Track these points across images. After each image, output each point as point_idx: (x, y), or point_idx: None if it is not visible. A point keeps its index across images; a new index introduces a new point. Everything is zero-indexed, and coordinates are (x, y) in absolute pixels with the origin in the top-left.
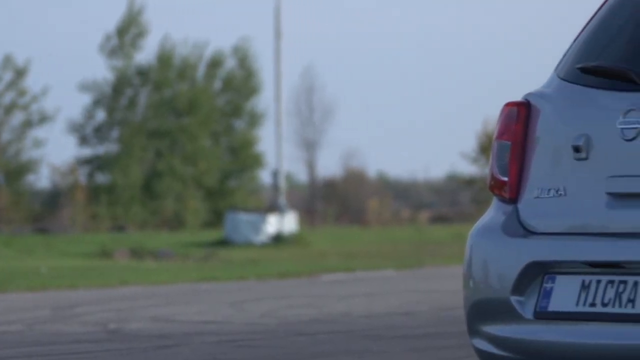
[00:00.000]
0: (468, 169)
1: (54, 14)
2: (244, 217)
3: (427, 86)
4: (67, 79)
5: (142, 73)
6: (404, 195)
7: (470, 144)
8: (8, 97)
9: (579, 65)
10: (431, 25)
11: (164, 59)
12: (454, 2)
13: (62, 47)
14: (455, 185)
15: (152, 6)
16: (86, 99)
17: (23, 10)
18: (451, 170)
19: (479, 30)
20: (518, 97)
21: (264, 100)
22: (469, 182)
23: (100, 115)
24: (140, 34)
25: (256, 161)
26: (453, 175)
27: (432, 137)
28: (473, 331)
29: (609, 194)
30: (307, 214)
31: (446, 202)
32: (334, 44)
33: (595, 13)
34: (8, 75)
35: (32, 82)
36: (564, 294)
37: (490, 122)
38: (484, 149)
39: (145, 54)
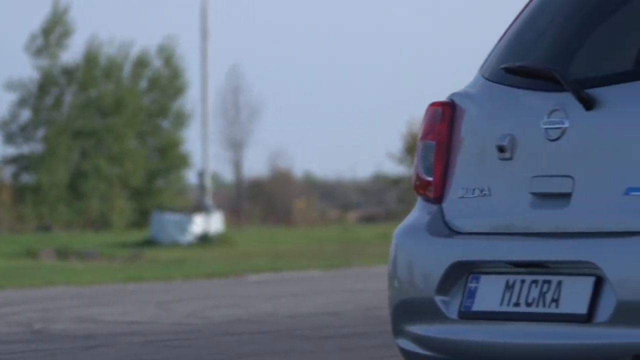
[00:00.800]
0: (394, 169)
1: None
2: (170, 217)
3: (354, 86)
4: None
5: (68, 72)
6: (331, 195)
7: (396, 144)
8: None
9: (504, 66)
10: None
11: (90, 58)
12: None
13: None
14: (382, 185)
15: (78, 5)
16: (11, 98)
17: None
18: (378, 171)
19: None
20: (443, 97)
21: (190, 100)
22: (396, 182)
23: (26, 114)
24: (66, 34)
25: (182, 161)
26: (380, 175)
27: (358, 137)
28: (398, 331)
29: (533, 194)
30: (234, 214)
31: (373, 202)
32: (260, 43)
33: (520, 13)
34: None
35: None
36: (488, 293)
37: (416, 123)
38: (410, 149)
39: (71, 54)
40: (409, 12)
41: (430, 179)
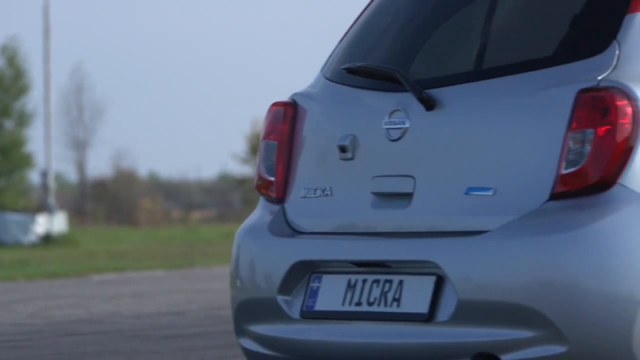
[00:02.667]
0: (239, 169)
1: None
2: (12, 217)
3: (199, 86)
4: None
5: None
6: (175, 195)
7: (241, 144)
8: None
9: (345, 66)
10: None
11: None
12: (224, 2)
13: None
14: (226, 185)
15: None
16: None
17: None
18: (223, 171)
19: (248, 32)
20: (287, 97)
21: (33, 100)
22: (240, 182)
23: None
24: None
25: (25, 161)
26: (225, 175)
27: (204, 137)
28: (240, 331)
29: (375, 193)
30: (77, 214)
31: (218, 202)
32: (103, 42)
33: (360, 14)
34: None
35: None
36: (330, 293)
37: (259, 123)
38: (254, 149)
39: None
40: (252, 13)
41: (272, 178)
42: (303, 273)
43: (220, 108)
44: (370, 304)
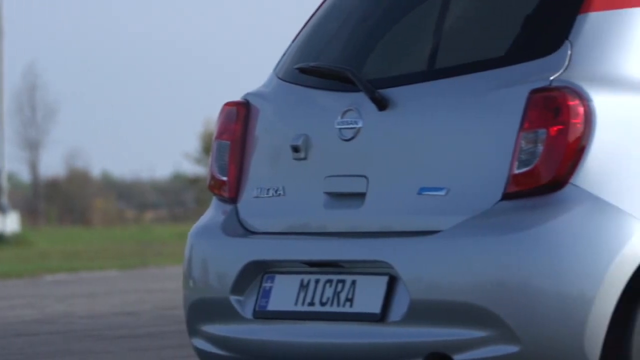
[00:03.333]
0: (193, 168)
1: None
2: None
3: (151, 85)
4: None
5: None
6: (129, 195)
7: (194, 143)
8: None
9: (297, 66)
10: (156, 25)
11: None
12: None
13: None
14: (180, 185)
15: None
16: None
17: None
18: (176, 170)
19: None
20: (240, 96)
21: None
22: (194, 182)
23: None
24: None
25: None
26: (178, 175)
27: (157, 137)
28: (193, 331)
29: (327, 193)
30: (30, 214)
31: (171, 201)
32: (56, 42)
33: (313, 14)
34: None
35: None
36: (283, 293)
37: (212, 122)
38: (207, 148)
39: None
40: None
41: (225, 178)
42: (256, 273)
43: (174, 107)
44: (323, 304)
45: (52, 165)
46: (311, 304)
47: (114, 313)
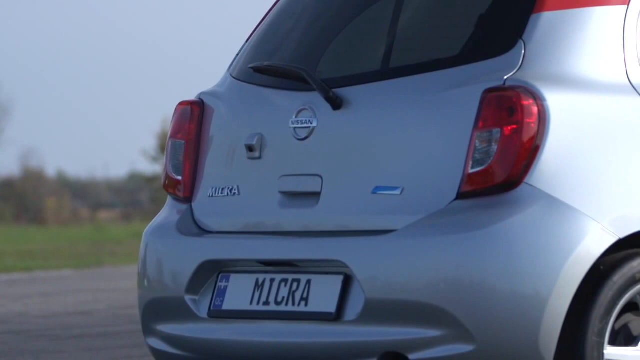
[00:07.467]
0: (149, 167)
1: None
2: None
3: (108, 84)
4: None
5: None
6: (83, 194)
7: (151, 142)
8: None
9: (252, 65)
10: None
11: None
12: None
13: None
14: (136, 184)
15: None
16: None
17: None
18: (132, 170)
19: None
20: (194, 96)
21: None
22: (150, 181)
23: None
24: None
25: None
26: (134, 174)
27: (112, 136)
28: (148, 330)
29: (282, 193)
30: None
31: (127, 201)
32: (9, 41)
33: (267, 13)
34: None
35: None
36: (238, 292)
37: (169, 121)
38: (164, 147)
39: None
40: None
41: (180, 178)
42: (211, 272)
43: (130, 106)
44: (278, 303)
45: (6, 165)
46: (266, 303)
47: (68, 313)
